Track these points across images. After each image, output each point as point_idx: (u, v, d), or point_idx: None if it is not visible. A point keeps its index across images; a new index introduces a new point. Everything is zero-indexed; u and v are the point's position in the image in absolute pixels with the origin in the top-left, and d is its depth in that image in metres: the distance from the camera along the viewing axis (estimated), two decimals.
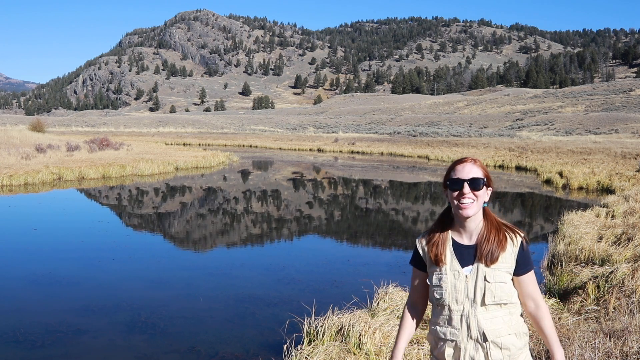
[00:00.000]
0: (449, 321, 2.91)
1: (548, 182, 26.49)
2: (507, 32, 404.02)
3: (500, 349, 2.84)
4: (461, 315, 2.88)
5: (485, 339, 2.84)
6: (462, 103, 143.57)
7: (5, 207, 18.38)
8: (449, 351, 2.92)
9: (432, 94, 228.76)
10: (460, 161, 2.94)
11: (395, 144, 58.54)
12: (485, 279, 2.84)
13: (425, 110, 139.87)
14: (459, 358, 2.89)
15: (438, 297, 2.91)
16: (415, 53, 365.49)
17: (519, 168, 35.23)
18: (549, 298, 7.64)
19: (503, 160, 38.05)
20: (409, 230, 16.06)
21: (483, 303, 2.84)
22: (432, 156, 46.99)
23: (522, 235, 2.90)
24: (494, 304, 2.84)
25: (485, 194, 2.90)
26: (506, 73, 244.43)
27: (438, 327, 2.96)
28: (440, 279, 2.91)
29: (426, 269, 3.02)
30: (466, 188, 2.85)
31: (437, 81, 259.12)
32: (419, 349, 5.89)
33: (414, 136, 68.47)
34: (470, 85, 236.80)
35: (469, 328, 2.86)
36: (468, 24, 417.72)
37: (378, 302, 7.32)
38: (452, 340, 2.91)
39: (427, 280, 2.99)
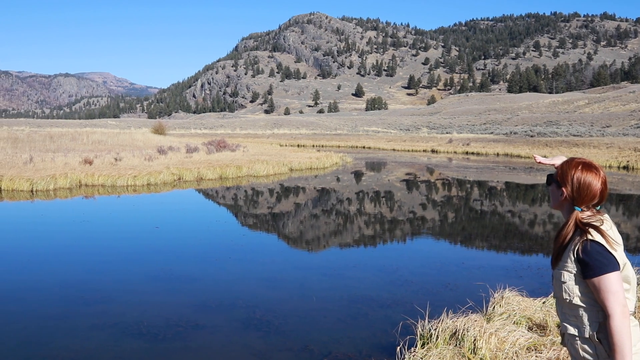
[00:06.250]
0: None
1: None
2: (632, 25, 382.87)
3: (575, 345, 2.89)
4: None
5: (562, 331, 3.01)
6: (583, 101, 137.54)
7: (130, 206, 19.34)
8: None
9: (550, 93, 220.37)
10: None
11: (511, 145, 56.87)
12: (554, 276, 2.99)
13: (543, 109, 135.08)
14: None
15: None
16: (532, 50, 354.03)
17: None
18: None
19: (628, 161, 36.21)
20: (526, 233, 15.56)
21: (556, 297, 3.01)
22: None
23: (591, 238, 2.77)
24: (561, 300, 2.93)
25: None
26: (631, 69, 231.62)
27: None
28: None
29: None
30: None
31: (555, 79, 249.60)
32: (536, 357, 5.70)
33: (532, 136, 66.29)
34: (592, 82, 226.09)
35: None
36: (589, 19, 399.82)
37: (494, 307, 7.16)
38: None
39: None
